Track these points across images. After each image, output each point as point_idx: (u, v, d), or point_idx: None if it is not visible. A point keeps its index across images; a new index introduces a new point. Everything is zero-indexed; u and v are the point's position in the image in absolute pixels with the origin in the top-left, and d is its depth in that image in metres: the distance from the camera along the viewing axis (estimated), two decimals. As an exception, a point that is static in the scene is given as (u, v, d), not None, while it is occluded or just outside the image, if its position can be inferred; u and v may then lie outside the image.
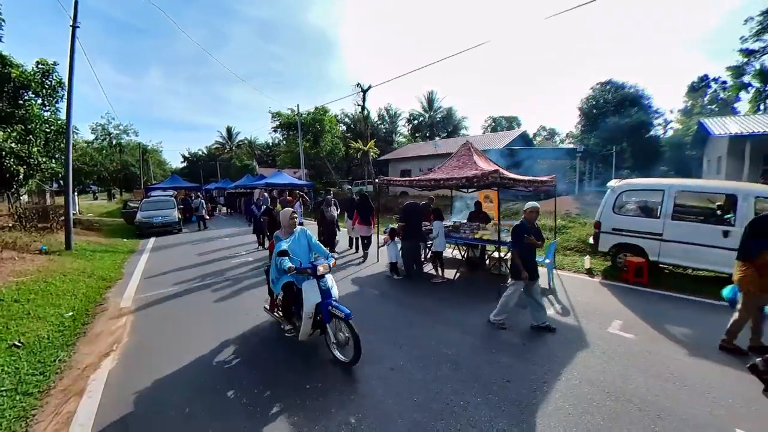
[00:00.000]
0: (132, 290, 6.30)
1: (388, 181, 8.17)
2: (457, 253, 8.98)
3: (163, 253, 9.92)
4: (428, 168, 24.92)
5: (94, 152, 35.28)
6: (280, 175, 19.61)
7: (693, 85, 46.25)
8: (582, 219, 13.35)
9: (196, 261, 8.70)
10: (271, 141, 59.36)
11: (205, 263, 8.40)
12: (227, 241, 11.74)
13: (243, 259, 8.68)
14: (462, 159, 7.77)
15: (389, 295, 5.86)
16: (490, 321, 4.53)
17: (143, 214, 13.71)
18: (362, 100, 23.21)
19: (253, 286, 6.32)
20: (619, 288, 6.14)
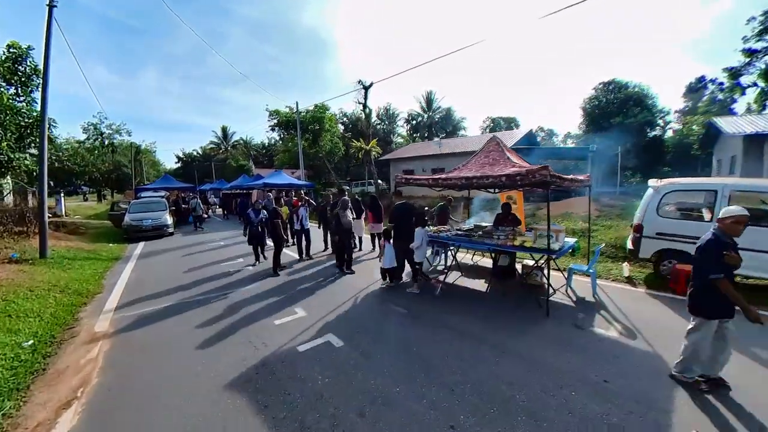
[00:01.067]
0: (111, 308, 5.32)
1: (407, 179, 7.25)
2: (478, 260, 8.10)
3: (151, 261, 8.92)
4: (432, 168, 24.12)
5: (86, 152, 34.23)
6: (279, 175, 18.63)
7: (691, 86, 46.20)
8: (605, 221, 12.55)
9: (189, 271, 7.73)
10: (267, 141, 58.64)
11: (199, 274, 7.43)
12: (223, 247, 10.76)
13: (241, 270, 7.72)
14: (491, 155, 6.90)
15: (419, 313, 4.94)
16: (674, 376, 3.25)
17: (131, 217, 12.67)
18: (364, 97, 22.30)
19: (255, 304, 5.38)
20: (673, 301, 5.34)
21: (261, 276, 7.00)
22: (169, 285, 6.55)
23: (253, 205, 8.27)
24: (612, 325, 4.48)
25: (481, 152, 7.28)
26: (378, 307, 5.16)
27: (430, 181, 6.75)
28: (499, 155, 6.81)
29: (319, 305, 5.21)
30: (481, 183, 5.61)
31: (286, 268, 7.45)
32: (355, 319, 4.72)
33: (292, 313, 4.90)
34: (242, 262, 8.28)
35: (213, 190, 28.59)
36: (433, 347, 3.90)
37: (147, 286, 6.51)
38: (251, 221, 7.78)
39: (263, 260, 8.16)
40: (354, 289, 6.09)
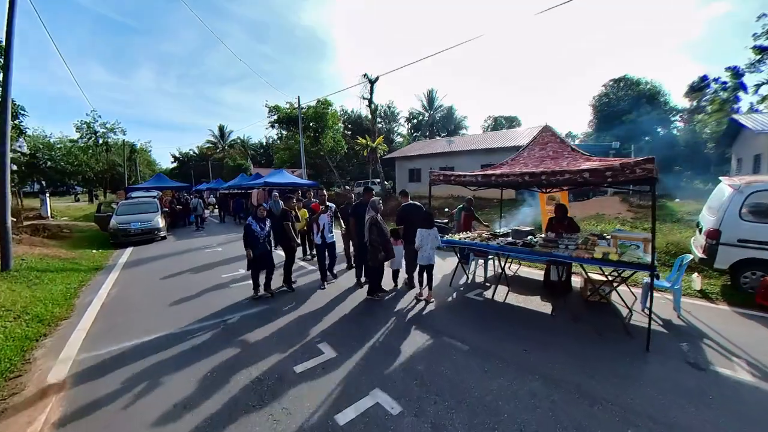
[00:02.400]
0: (77, 343, 4.06)
1: (446, 177, 6.04)
2: (524, 270, 6.90)
3: (138, 272, 7.65)
4: (440, 167, 22.93)
5: (79, 151, 33.01)
6: (281, 174, 17.34)
7: (693, 86, 45.46)
8: (645, 224, 11.39)
9: (180, 285, 6.48)
10: (265, 140, 57.42)
11: (192, 289, 6.18)
12: (221, 253, 9.48)
13: (243, 283, 6.47)
14: (550, 147, 5.73)
15: (485, 349, 3.73)
16: None
17: (119, 220, 11.36)
18: (369, 92, 21.02)
19: (265, 338, 4.14)
20: (766, 320, 4.33)
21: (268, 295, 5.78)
22: (154, 306, 5.30)
23: (255, 212, 5.76)
24: (732, 361, 3.46)
25: (534, 144, 6.11)
26: (429, 343, 3.93)
27: (478, 179, 5.54)
28: (560, 147, 5.66)
29: (349, 340, 3.99)
30: (555, 180, 4.39)
31: (295, 283, 6.20)
32: (405, 362, 3.49)
33: (316, 353, 3.67)
34: (243, 273, 7.02)
35: (210, 190, 27.26)
36: (530, 410, 2.70)
37: (127, 308, 5.26)
38: (254, 236, 5.39)
39: (265, 293, 5.70)
40: (387, 312, 4.88)
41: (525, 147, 6.36)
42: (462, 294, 5.73)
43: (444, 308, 5.09)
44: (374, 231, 5.22)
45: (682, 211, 12.82)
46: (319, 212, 6.17)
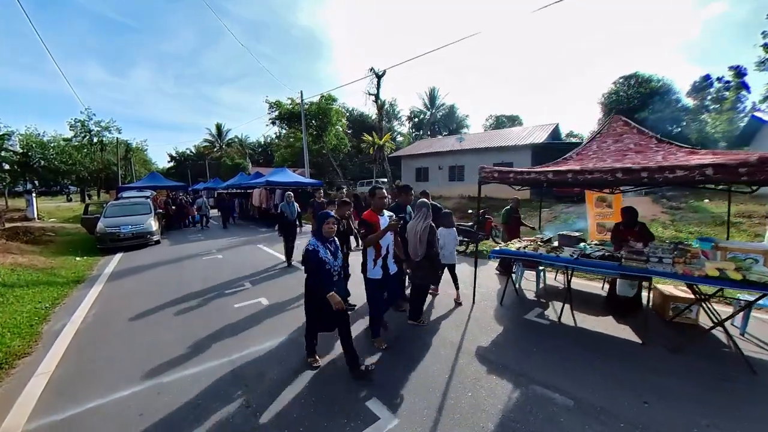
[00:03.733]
0: (31, 400, 2.99)
1: (506, 174, 5.02)
2: (582, 283, 5.87)
3: (124, 286, 6.56)
4: (450, 166, 21.85)
5: (73, 150, 32.19)
6: (284, 173, 16.25)
7: (695, 85, 44.80)
8: (689, 227, 10.41)
9: (174, 302, 5.42)
10: (263, 139, 56.30)
11: (188, 309, 5.12)
12: (222, 262, 8.41)
13: (251, 300, 5.40)
14: (628, 139, 4.75)
15: (588, 397, 2.72)
16: None
17: (107, 222, 10.25)
18: (376, 87, 19.99)
19: (295, 398, 3.07)
20: None
21: (284, 310, 4.72)
22: (141, 337, 4.23)
23: (319, 229, 3.24)
24: None
25: (604, 137, 5.11)
26: (516, 395, 2.88)
27: (547, 176, 4.49)
28: (641, 138, 4.74)
29: (408, 393, 2.94)
30: (661, 177, 3.36)
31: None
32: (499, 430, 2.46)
33: (369, 418, 2.61)
34: (251, 291, 5.95)
35: (207, 190, 26.10)
36: None
37: (107, 339, 4.19)
38: (327, 271, 3.14)
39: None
40: (441, 343, 3.84)
41: (591, 139, 5.35)
42: (519, 315, 4.70)
43: (509, 337, 4.07)
44: (433, 243, 4.21)
45: (718, 212, 11.84)
46: (387, 228, 3.65)
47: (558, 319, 4.51)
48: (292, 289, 5.81)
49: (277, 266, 7.63)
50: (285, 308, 5.05)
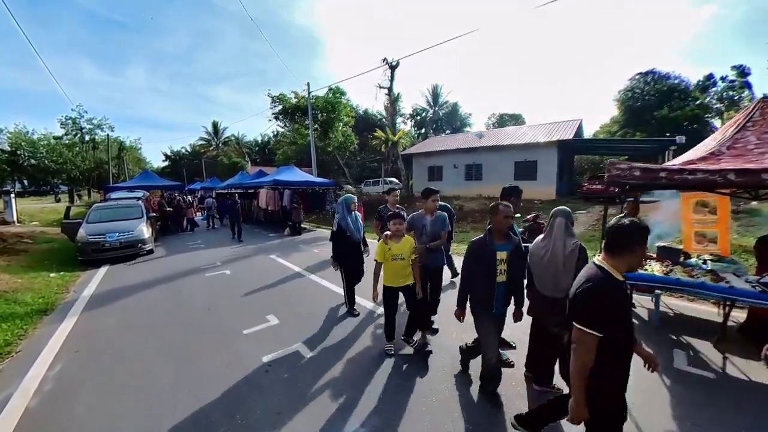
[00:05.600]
0: None
1: (655, 172, 3.53)
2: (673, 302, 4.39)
3: (105, 319, 4.96)
4: (466, 164, 20.34)
5: (64, 148, 30.97)
6: (291, 171, 14.64)
7: (699, 84, 44.08)
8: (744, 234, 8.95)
9: (171, 350, 3.84)
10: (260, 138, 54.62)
11: (193, 366, 3.55)
12: (231, 279, 6.85)
13: (285, 349, 3.84)
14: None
15: None
16: None
17: (90, 230, 8.61)
18: (390, 78, 18.46)
19: None
20: None
21: (324, 360, 3.19)
22: (125, 406, 2.68)
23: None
24: None
25: (755, 123, 3.62)
26: None
27: (728, 177, 2.99)
28: None
29: None
30: None
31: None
32: None
33: None
34: (280, 330, 4.39)
35: (204, 190, 24.42)
36: None
37: (70, 421, 2.63)
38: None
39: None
40: None
41: (737, 129, 3.89)
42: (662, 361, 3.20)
43: (673, 398, 2.57)
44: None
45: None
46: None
47: (722, 369, 3.05)
48: (344, 335, 4.25)
49: (300, 283, 6.08)
50: (344, 373, 3.47)
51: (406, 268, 3.43)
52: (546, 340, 2.93)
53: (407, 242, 3.45)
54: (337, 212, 4.58)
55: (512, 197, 3.37)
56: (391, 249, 3.39)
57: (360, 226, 4.64)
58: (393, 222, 3.43)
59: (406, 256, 3.40)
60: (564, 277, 2.71)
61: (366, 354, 3.61)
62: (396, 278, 3.45)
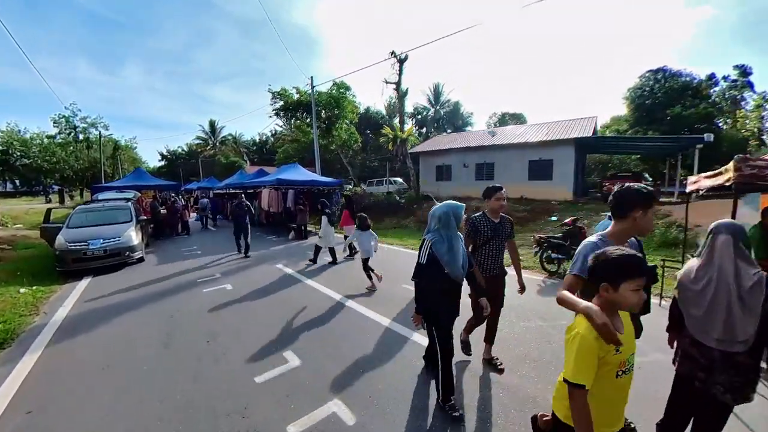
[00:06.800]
0: None
1: None
2: None
3: (78, 350, 3.95)
4: (476, 163, 19.39)
5: (58, 148, 30.20)
6: (295, 169, 13.61)
7: (701, 84, 43.68)
8: None
9: (155, 403, 2.82)
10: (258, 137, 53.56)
11: (182, 428, 2.52)
12: (232, 294, 5.82)
13: (319, 412, 2.82)
14: None
15: None
16: None
17: (70, 235, 7.54)
18: (398, 73, 17.46)
19: None
20: None
21: None
22: None
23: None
24: None
25: None
26: None
27: None
28: None
29: None
30: None
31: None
32: None
33: None
34: (299, 373, 3.38)
35: (201, 190, 23.33)
36: None
37: None
38: None
39: None
40: None
41: None
42: None
43: None
44: None
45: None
46: None
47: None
48: (392, 383, 3.23)
49: (315, 302, 5.06)
50: None
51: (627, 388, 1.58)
52: (696, 405, 2.00)
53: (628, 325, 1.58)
54: (430, 233, 2.66)
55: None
56: (610, 350, 1.41)
57: (465, 257, 2.70)
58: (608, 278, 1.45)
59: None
60: (742, 321, 1.77)
61: (437, 416, 2.60)
62: (614, 416, 1.57)
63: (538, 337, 3.96)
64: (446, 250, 2.56)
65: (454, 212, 2.64)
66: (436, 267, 2.56)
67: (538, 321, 4.41)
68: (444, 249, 2.56)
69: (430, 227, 2.72)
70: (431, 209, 2.76)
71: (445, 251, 2.56)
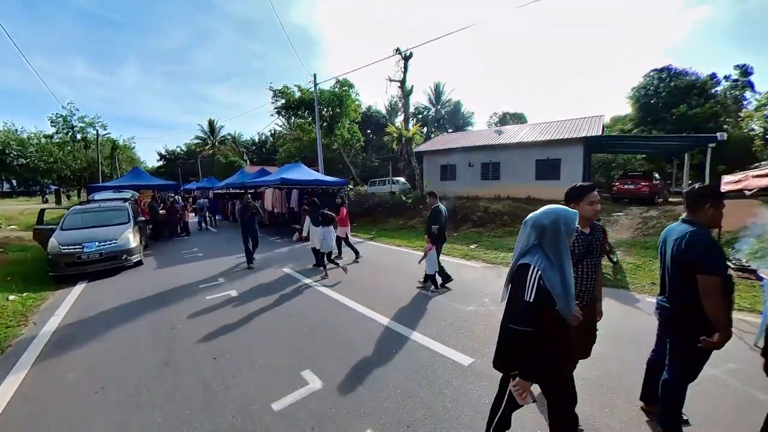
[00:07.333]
0: None
1: None
2: None
3: (68, 369, 3.53)
4: (482, 162, 18.97)
5: (55, 147, 30.02)
6: (299, 168, 13.16)
7: (706, 82, 43.51)
8: None
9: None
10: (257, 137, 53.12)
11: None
12: (238, 303, 5.39)
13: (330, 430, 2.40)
14: None
15: None
16: None
17: (64, 238, 7.09)
18: (403, 70, 17.05)
19: None
20: None
21: None
22: None
23: None
24: None
25: None
26: None
27: None
28: None
29: None
30: None
31: None
32: None
33: None
34: (326, 396, 2.97)
35: (200, 190, 22.83)
36: None
37: None
38: None
39: None
40: None
41: None
42: None
43: None
44: None
45: None
46: None
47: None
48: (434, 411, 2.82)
49: (329, 310, 4.64)
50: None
51: None
52: None
53: None
54: (530, 254, 1.84)
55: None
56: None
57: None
58: None
59: None
60: None
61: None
62: None
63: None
64: (560, 282, 1.75)
65: (566, 221, 1.81)
66: (546, 305, 1.73)
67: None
68: (557, 280, 1.74)
69: (527, 243, 1.85)
70: (527, 217, 1.92)
71: (559, 283, 1.74)
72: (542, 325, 1.71)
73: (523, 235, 1.88)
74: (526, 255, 1.83)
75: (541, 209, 1.90)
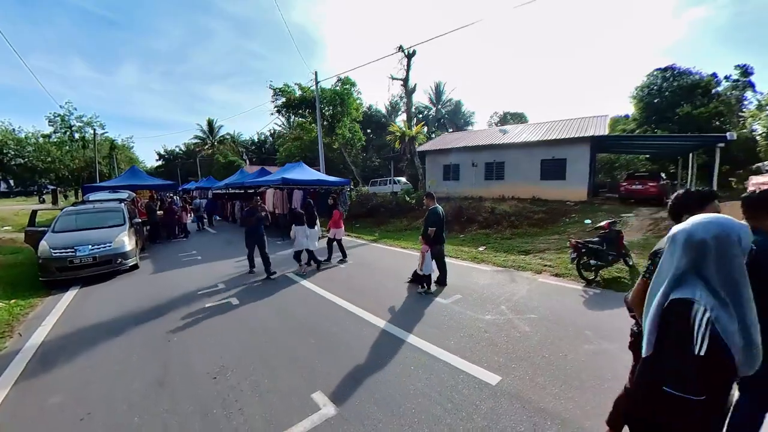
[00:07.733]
0: None
1: None
2: None
3: (53, 390, 3.20)
4: (486, 162, 18.63)
5: (53, 147, 29.85)
6: (301, 168, 12.83)
7: (709, 82, 43.42)
8: None
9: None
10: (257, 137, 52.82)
11: None
12: (241, 316, 5.07)
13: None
14: None
15: None
16: None
17: (54, 241, 6.74)
18: (406, 68, 16.73)
19: None
20: None
21: None
22: None
23: None
24: None
25: None
26: None
27: None
28: None
29: None
30: None
31: None
32: None
33: None
34: (341, 425, 2.63)
35: (199, 190, 22.48)
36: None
37: None
38: None
39: None
40: None
41: None
42: None
43: None
44: None
45: None
46: None
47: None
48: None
49: (337, 319, 4.31)
50: None
51: None
52: None
53: None
54: (689, 286, 1.30)
55: None
56: None
57: None
58: None
59: None
60: None
61: None
62: None
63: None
64: (737, 330, 1.23)
65: (740, 236, 1.27)
66: (722, 362, 1.23)
67: (604, 343, 3.68)
68: (734, 328, 1.23)
69: (677, 269, 1.33)
70: (673, 230, 1.40)
71: (736, 330, 1.23)
72: (715, 391, 1.22)
73: (667, 255, 1.35)
74: (680, 286, 1.30)
75: (694, 219, 1.35)
